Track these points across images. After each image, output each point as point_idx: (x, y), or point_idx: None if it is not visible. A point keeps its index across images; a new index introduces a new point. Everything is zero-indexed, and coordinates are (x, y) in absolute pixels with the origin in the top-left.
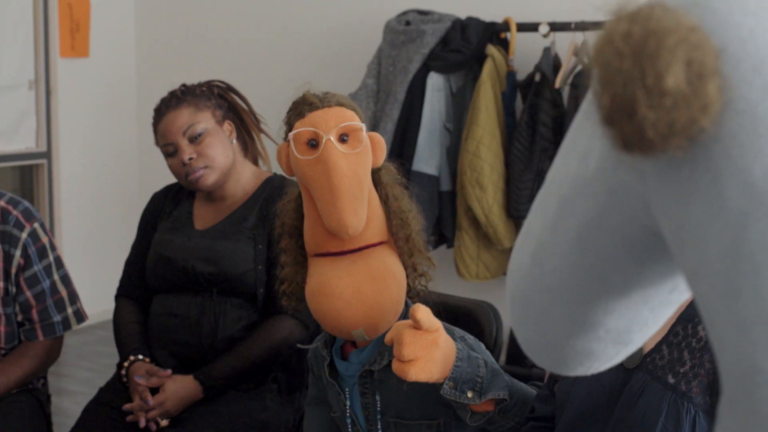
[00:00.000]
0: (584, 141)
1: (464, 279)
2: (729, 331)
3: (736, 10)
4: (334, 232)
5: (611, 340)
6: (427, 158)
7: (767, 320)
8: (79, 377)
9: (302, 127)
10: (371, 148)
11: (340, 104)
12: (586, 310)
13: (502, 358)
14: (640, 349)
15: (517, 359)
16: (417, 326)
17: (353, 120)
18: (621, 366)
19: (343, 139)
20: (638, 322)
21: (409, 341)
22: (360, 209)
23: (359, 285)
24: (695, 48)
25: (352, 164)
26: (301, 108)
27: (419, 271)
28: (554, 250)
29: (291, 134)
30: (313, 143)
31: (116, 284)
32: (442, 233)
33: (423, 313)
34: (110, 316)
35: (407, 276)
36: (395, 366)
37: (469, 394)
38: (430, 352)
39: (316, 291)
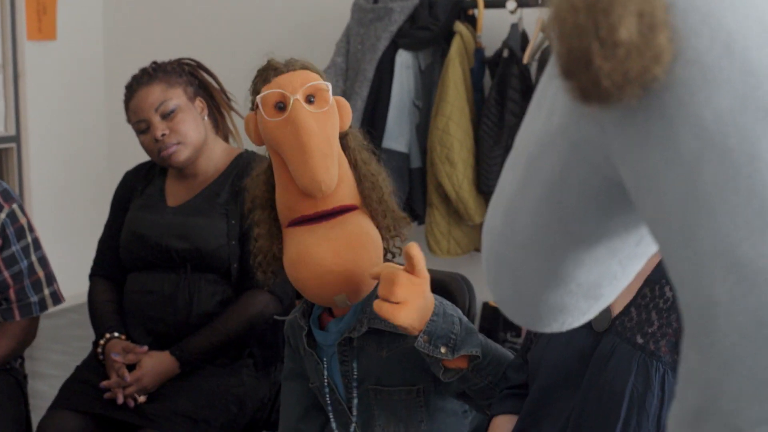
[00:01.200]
0: (548, 100)
1: (435, 255)
2: (687, 269)
3: None
4: (307, 191)
5: (582, 294)
6: (397, 136)
7: (722, 255)
8: (52, 360)
9: (269, 90)
10: (337, 111)
11: (305, 68)
12: (556, 264)
13: None
14: (609, 313)
15: (489, 333)
16: (411, 266)
17: (318, 80)
18: (591, 330)
19: (309, 99)
20: (607, 276)
21: (404, 282)
22: (331, 166)
23: (338, 250)
24: (646, 1)
25: (320, 123)
26: (266, 74)
27: (393, 232)
28: (524, 206)
29: (259, 97)
30: (281, 105)
31: (88, 267)
32: (413, 210)
33: (417, 251)
34: (83, 299)
35: (382, 238)
36: (381, 307)
37: (443, 350)
38: (416, 299)
39: (295, 260)
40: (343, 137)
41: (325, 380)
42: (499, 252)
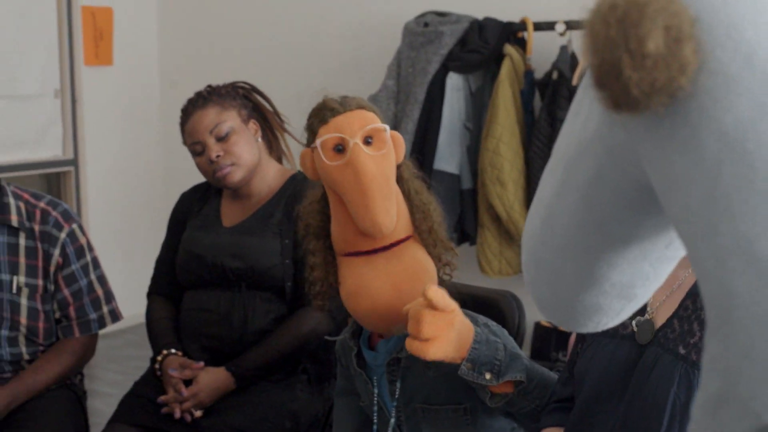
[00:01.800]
0: (585, 109)
1: (487, 275)
2: (709, 265)
3: None
4: (368, 233)
5: (616, 294)
6: (448, 157)
7: (740, 251)
8: (109, 379)
9: (327, 134)
10: (393, 148)
11: (361, 107)
12: (591, 265)
13: (526, 352)
14: (652, 325)
15: (541, 353)
16: (431, 305)
17: (376, 122)
18: (634, 342)
19: (368, 141)
20: (640, 277)
21: (428, 320)
22: (391, 208)
23: (396, 283)
24: (673, 16)
25: (379, 165)
26: (323, 114)
27: (443, 261)
28: (562, 209)
29: (318, 141)
30: (340, 148)
31: (144, 288)
32: (464, 231)
33: (434, 292)
34: (138, 320)
35: (434, 266)
36: (411, 345)
37: (487, 376)
38: (447, 332)
39: (353, 292)
40: (398, 168)
41: (375, 399)
42: (538, 254)
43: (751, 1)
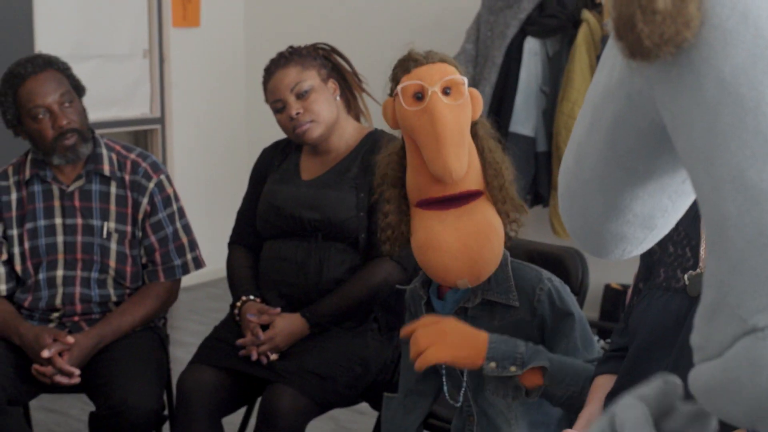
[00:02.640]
0: (610, 60)
1: (559, 237)
2: (707, 190)
3: None
4: (439, 176)
5: (639, 224)
6: (524, 120)
7: (733, 179)
8: (190, 329)
9: (409, 81)
10: (471, 103)
11: (443, 61)
12: (615, 196)
13: (596, 314)
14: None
15: (610, 315)
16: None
17: (455, 74)
18: (686, 294)
19: (446, 91)
20: (660, 209)
21: (419, 332)
22: (462, 155)
23: (465, 240)
24: None
25: (454, 114)
26: (407, 64)
27: (512, 218)
28: (590, 148)
29: (399, 87)
30: (419, 96)
31: (226, 243)
32: (538, 192)
33: (408, 329)
34: (219, 274)
35: (502, 224)
36: (417, 360)
37: (512, 369)
38: (442, 338)
39: (423, 245)
40: (473, 126)
41: None
42: (571, 187)
43: None
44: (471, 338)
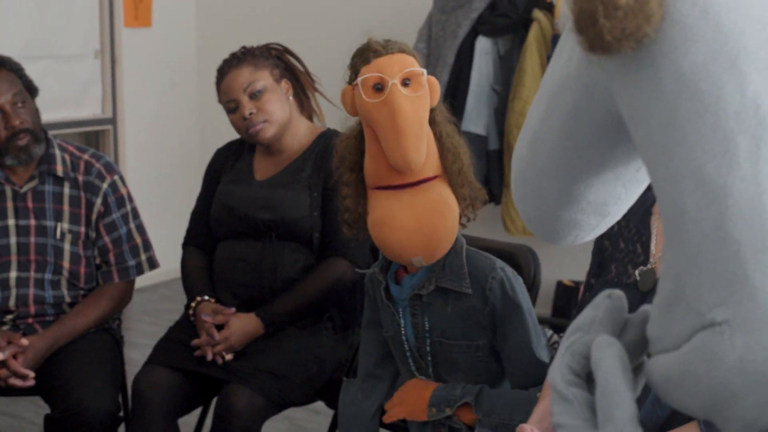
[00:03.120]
0: (567, 49)
1: (511, 234)
2: (666, 185)
3: None
4: (398, 168)
5: (592, 211)
6: (476, 119)
7: (691, 174)
8: (143, 330)
9: (369, 73)
10: (429, 91)
11: (402, 51)
12: (570, 184)
13: (548, 311)
14: (654, 274)
15: (562, 311)
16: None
17: (415, 66)
18: (636, 290)
19: (405, 83)
20: (613, 196)
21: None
22: (421, 147)
23: (420, 217)
24: None
25: (414, 106)
26: (366, 54)
27: (469, 201)
28: (546, 135)
29: (359, 79)
30: (379, 87)
31: (179, 244)
32: (490, 190)
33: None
34: (173, 275)
35: (459, 206)
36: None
37: (447, 410)
38: (402, 398)
39: (380, 222)
40: (431, 111)
41: (402, 330)
42: (525, 174)
43: None
44: (420, 392)
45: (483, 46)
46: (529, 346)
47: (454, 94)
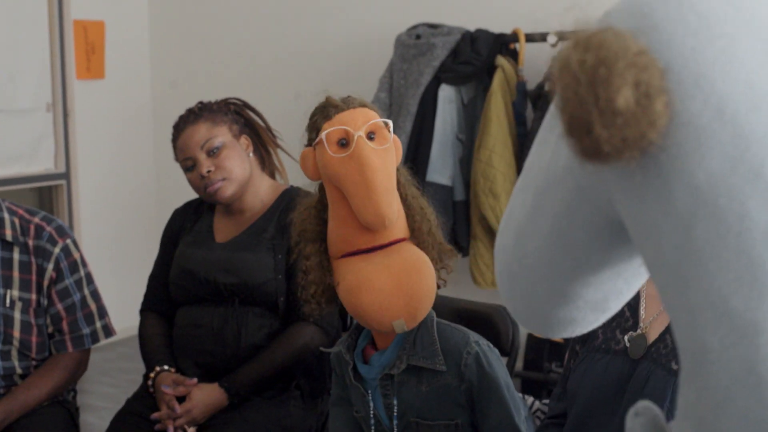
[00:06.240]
0: (553, 140)
1: (480, 287)
2: (682, 316)
3: (680, 31)
4: (370, 225)
5: (590, 308)
6: (441, 169)
7: (713, 306)
8: (102, 393)
9: (332, 127)
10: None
11: (363, 105)
12: (564, 285)
13: (519, 364)
14: (645, 340)
15: (534, 364)
16: None
17: (377, 119)
18: (627, 357)
19: (370, 136)
20: (614, 293)
21: None
22: (393, 201)
23: (398, 276)
24: (642, 70)
25: (382, 159)
26: (327, 111)
27: (440, 264)
28: (534, 233)
29: (323, 134)
30: (344, 142)
31: (137, 302)
32: (457, 242)
33: None
34: (131, 332)
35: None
36: None
37: None
38: None
39: (355, 288)
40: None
41: (371, 411)
42: (512, 269)
43: (722, 47)
44: None
45: (446, 94)
46: (511, 420)
47: (418, 144)
